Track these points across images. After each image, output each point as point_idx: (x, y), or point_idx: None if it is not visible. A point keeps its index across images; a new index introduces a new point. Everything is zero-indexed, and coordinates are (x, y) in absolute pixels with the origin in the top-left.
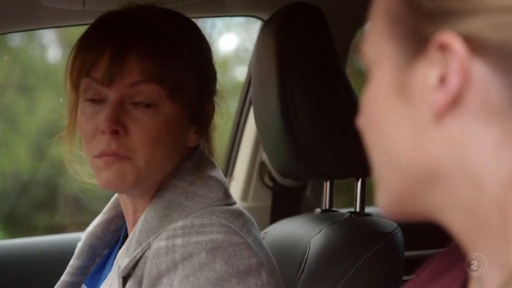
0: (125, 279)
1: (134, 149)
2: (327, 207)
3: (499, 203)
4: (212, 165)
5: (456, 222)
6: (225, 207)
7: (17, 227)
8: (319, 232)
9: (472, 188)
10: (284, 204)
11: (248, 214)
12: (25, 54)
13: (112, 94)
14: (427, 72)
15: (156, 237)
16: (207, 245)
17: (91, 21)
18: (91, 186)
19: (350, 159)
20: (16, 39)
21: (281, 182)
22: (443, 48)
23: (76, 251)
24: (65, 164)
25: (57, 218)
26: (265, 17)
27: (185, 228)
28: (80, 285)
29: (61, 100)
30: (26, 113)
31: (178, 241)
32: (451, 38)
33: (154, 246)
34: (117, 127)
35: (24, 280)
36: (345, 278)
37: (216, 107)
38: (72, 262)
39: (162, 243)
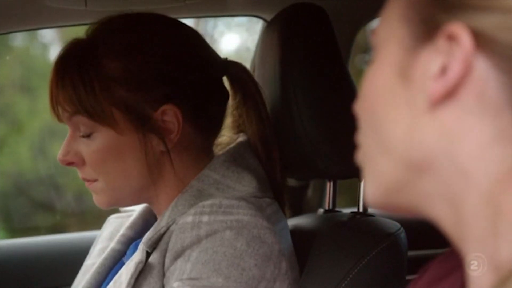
0: (148, 253)
1: (93, 174)
2: (331, 207)
3: (488, 197)
4: (250, 158)
5: (443, 215)
6: (255, 198)
7: (18, 227)
8: (322, 232)
9: (460, 180)
10: None
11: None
12: (26, 53)
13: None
14: (431, 59)
15: (181, 214)
16: (232, 224)
17: (92, 21)
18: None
19: (354, 159)
20: (17, 39)
21: None
22: (451, 39)
23: (129, 221)
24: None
25: (59, 217)
26: (268, 17)
27: (213, 207)
28: (125, 255)
29: None
30: (28, 113)
31: (205, 218)
32: (460, 30)
33: (181, 221)
34: (73, 160)
35: (25, 280)
36: (348, 279)
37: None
38: (124, 231)
39: (189, 218)
